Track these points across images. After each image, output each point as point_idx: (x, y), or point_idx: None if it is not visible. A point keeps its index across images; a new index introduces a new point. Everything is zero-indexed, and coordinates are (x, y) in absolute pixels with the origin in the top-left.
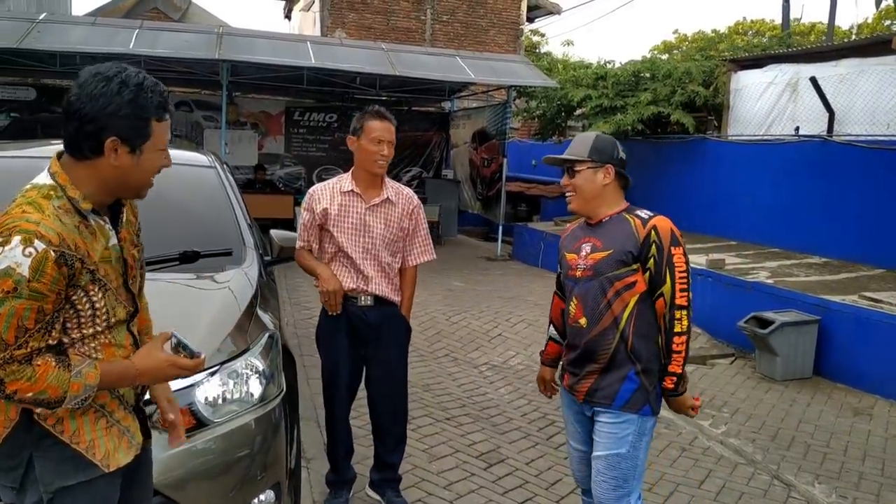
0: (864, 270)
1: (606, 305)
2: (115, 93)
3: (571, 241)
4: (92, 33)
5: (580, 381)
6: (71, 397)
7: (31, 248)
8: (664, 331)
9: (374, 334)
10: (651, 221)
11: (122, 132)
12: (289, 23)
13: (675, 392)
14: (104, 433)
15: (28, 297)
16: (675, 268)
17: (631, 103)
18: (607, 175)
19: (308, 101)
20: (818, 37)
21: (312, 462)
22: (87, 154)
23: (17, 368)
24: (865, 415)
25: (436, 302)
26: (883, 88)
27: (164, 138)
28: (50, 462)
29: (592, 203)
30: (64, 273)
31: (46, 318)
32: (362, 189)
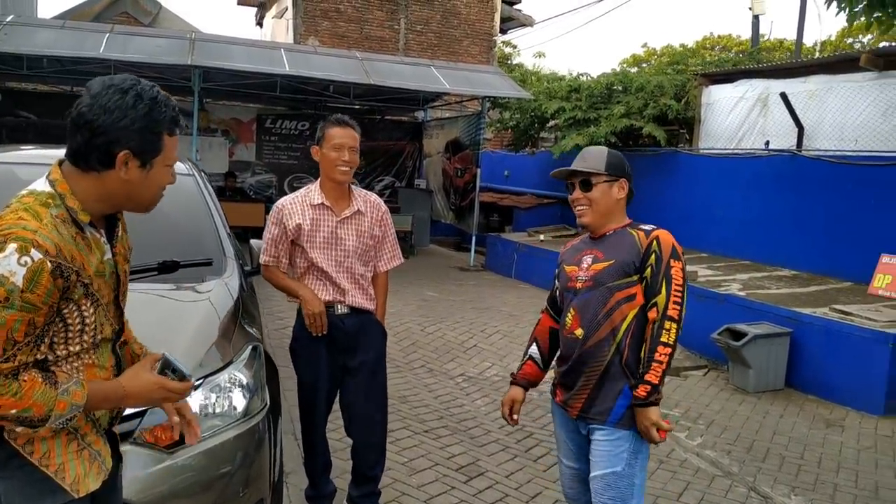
0: (832, 283)
1: (606, 315)
2: (131, 106)
3: (572, 255)
4: (60, 36)
5: (574, 396)
6: (56, 416)
7: (27, 257)
8: (650, 339)
9: (352, 342)
10: (654, 233)
11: (135, 146)
12: (261, 30)
13: (644, 401)
14: (75, 456)
15: (20, 309)
16: (672, 280)
17: (604, 116)
18: (622, 189)
19: (280, 108)
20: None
21: (290, 476)
22: (96, 166)
23: (3, 383)
24: (837, 426)
25: (410, 312)
26: (851, 105)
27: (174, 154)
28: (17, 484)
29: (605, 217)
30: (59, 285)
31: (36, 332)
32: (332, 201)
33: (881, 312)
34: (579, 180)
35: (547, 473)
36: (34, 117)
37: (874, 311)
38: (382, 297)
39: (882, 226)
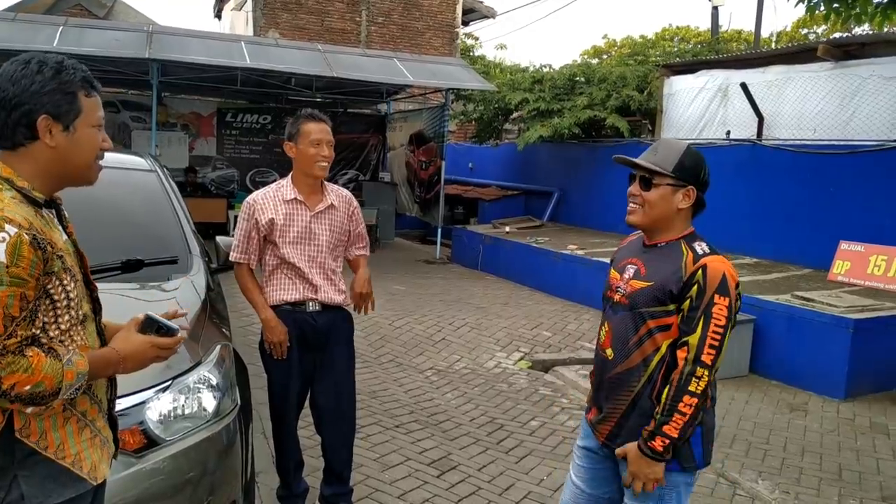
0: (793, 270)
1: (637, 343)
2: (36, 72)
3: (621, 257)
4: (12, 29)
5: (603, 421)
6: (66, 386)
7: (2, 232)
8: (675, 384)
9: (323, 339)
10: (703, 259)
11: (52, 109)
12: (219, 22)
13: (660, 457)
14: (89, 444)
15: (10, 284)
16: (712, 319)
17: (567, 107)
18: (687, 198)
19: (241, 102)
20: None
21: (261, 475)
22: (22, 141)
23: (13, 360)
24: (801, 411)
25: (378, 306)
26: (809, 94)
27: (97, 115)
28: (37, 480)
29: (658, 224)
30: (39, 256)
31: (30, 306)
32: (305, 196)
33: (841, 298)
34: (641, 175)
35: (518, 465)
36: None
37: (835, 297)
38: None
39: (840, 213)
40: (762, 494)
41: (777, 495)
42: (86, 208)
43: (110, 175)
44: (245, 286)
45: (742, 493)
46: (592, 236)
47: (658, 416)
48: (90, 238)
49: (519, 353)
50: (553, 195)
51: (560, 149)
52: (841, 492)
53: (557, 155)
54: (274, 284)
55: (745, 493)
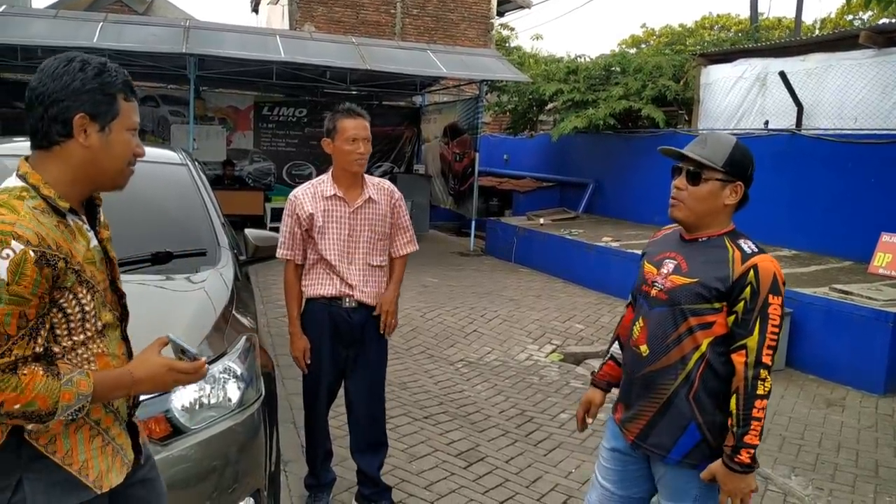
0: (833, 262)
1: (676, 341)
2: (79, 69)
3: (656, 250)
4: (54, 26)
5: (632, 419)
6: (63, 408)
7: (7, 249)
8: (743, 392)
9: (357, 335)
10: (753, 259)
11: (90, 108)
12: (256, 17)
13: (749, 468)
14: (98, 453)
15: (8, 302)
16: (769, 320)
17: (602, 98)
18: (735, 194)
19: (277, 95)
20: (784, 31)
21: (290, 465)
22: (56, 139)
23: (2, 378)
24: (838, 406)
25: (410, 298)
26: (850, 83)
27: (133, 119)
28: (41, 485)
29: (703, 220)
30: (46, 275)
31: (30, 324)
32: (344, 191)
33: (881, 291)
34: (688, 168)
35: (547, 458)
36: None
37: (874, 290)
38: (396, 282)
39: (882, 204)
40: (795, 490)
41: (810, 491)
42: (117, 201)
43: (142, 169)
44: (287, 288)
45: (774, 489)
46: (628, 228)
47: (736, 430)
48: (121, 231)
49: (551, 346)
50: (588, 186)
51: (595, 140)
52: (877, 489)
53: (592, 146)
54: (312, 278)
55: (778, 488)
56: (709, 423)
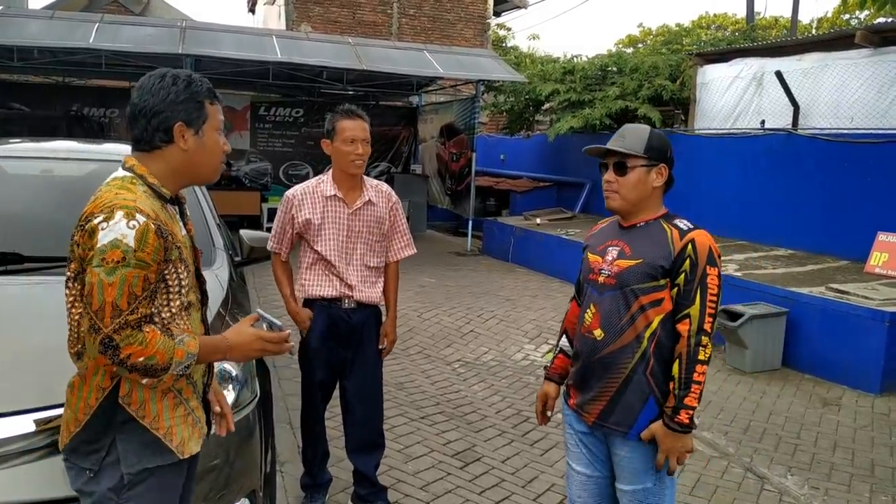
0: (829, 262)
1: (629, 321)
2: (171, 84)
3: (598, 241)
4: (50, 27)
5: (590, 402)
6: (176, 363)
7: (133, 220)
8: (685, 357)
9: (356, 336)
10: (690, 234)
11: (185, 116)
12: (253, 17)
13: (688, 428)
14: (181, 421)
15: (135, 266)
16: (708, 289)
17: (599, 98)
18: (660, 176)
19: (274, 95)
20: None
21: (286, 465)
22: (159, 145)
23: (131, 333)
24: (834, 405)
25: (407, 298)
26: (846, 82)
27: (220, 119)
28: (132, 444)
29: (637, 205)
30: (161, 245)
31: (151, 287)
32: (344, 192)
33: (878, 291)
34: (614, 161)
35: (543, 458)
36: (26, 109)
37: (871, 290)
38: (394, 286)
39: (878, 203)
40: (791, 490)
41: (806, 491)
42: None
43: None
44: (277, 277)
45: (770, 489)
46: None
47: (677, 392)
48: None
49: (547, 346)
50: (585, 186)
51: (591, 140)
52: (872, 488)
53: (591, 144)
54: (310, 279)
55: (774, 488)
56: (665, 395)
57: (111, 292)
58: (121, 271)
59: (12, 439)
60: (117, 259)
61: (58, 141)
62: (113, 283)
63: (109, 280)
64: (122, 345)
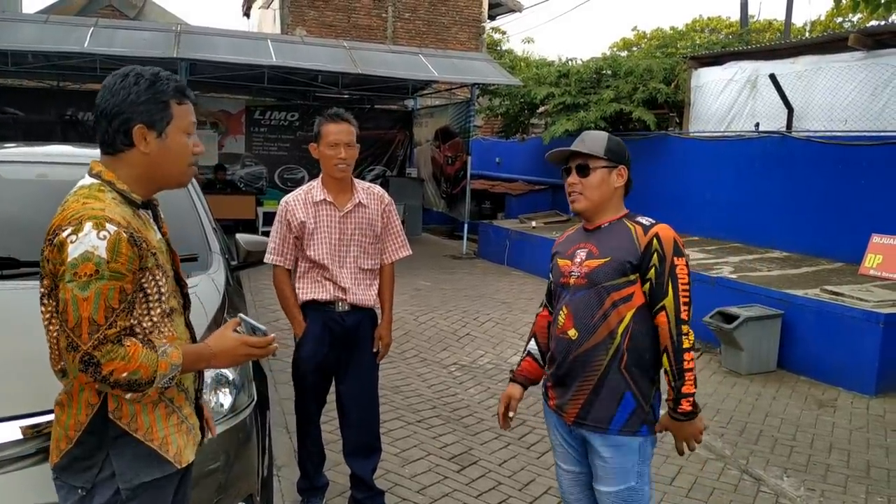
0: (824, 264)
1: (602, 317)
2: (133, 83)
3: (566, 247)
4: (44, 31)
5: (569, 402)
6: (160, 376)
7: (104, 231)
8: (672, 349)
9: (351, 338)
10: (653, 229)
11: (146, 118)
12: (248, 20)
13: (693, 414)
14: (175, 430)
15: (110, 278)
16: (678, 280)
17: (593, 101)
18: (620, 177)
19: (269, 99)
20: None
21: (283, 469)
22: (122, 147)
23: (112, 348)
24: (829, 407)
25: (403, 302)
26: (840, 85)
27: (188, 120)
28: (126, 459)
29: (601, 206)
30: (136, 253)
31: (128, 298)
32: (334, 196)
33: (872, 292)
34: (576, 165)
35: (540, 461)
36: (20, 113)
37: (865, 292)
38: (389, 289)
39: (872, 205)
40: (787, 492)
41: (802, 492)
42: None
43: None
44: (281, 292)
45: (766, 490)
46: None
47: (673, 384)
48: None
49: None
50: None
51: None
52: (868, 489)
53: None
54: (305, 283)
55: (770, 490)
56: (641, 389)
57: (87, 307)
58: (95, 285)
59: (5, 445)
60: (90, 272)
61: (53, 145)
62: (88, 298)
63: (84, 295)
64: (104, 361)
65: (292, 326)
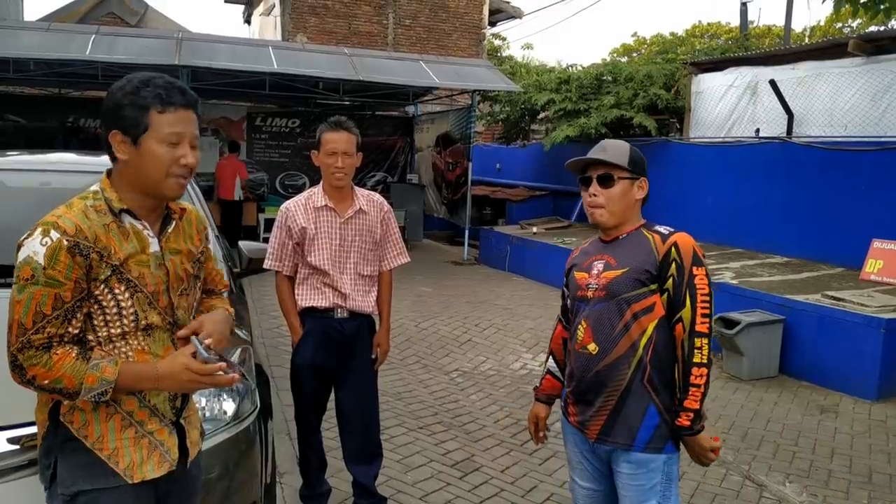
0: (825, 269)
1: (623, 330)
2: (118, 89)
3: (582, 259)
4: (46, 39)
5: (591, 418)
6: (86, 389)
7: (47, 238)
8: (681, 360)
9: (349, 345)
10: (672, 238)
11: (121, 124)
12: (248, 27)
13: (690, 430)
14: (131, 443)
15: (44, 284)
16: (697, 290)
17: (594, 107)
18: (641, 189)
19: (270, 106)
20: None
21: (285, 476)
22: (110, 153)
23: (34, 354)
24: (831, 412)
25: (404, 308)
26: (840, 90)
27: (169, 130)
28: (69, 464)
29: (622, 217)
30: (79, 263)
31: (65, 306)
32: (335, 202)
33: (873, 298)
34: (598, 174)
35: (542, 467)
36: (22, 120)
37: (866, 297)
38: (387, 296)
39: (873, 211)
40: (789, 497)
41: (805, 498)
42: None
43: None
44: (281, 299)
45: (769, 496)
46: None
47: (679, 395)
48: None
49: (545, 355)
50: (580, 195)
51: (587, 149)
52: (871, 495)
53: (585, 155)
54: (304, 290)
55: (773, 495)
56: (665, 403)
57: (18, 310)
58: (29, 289)
59: (6, 454)
60: (27, 276)
61: (55, 153)
62: (20, 301)
63: (18, 297)
64: (26, 365)
65: (291, 333)
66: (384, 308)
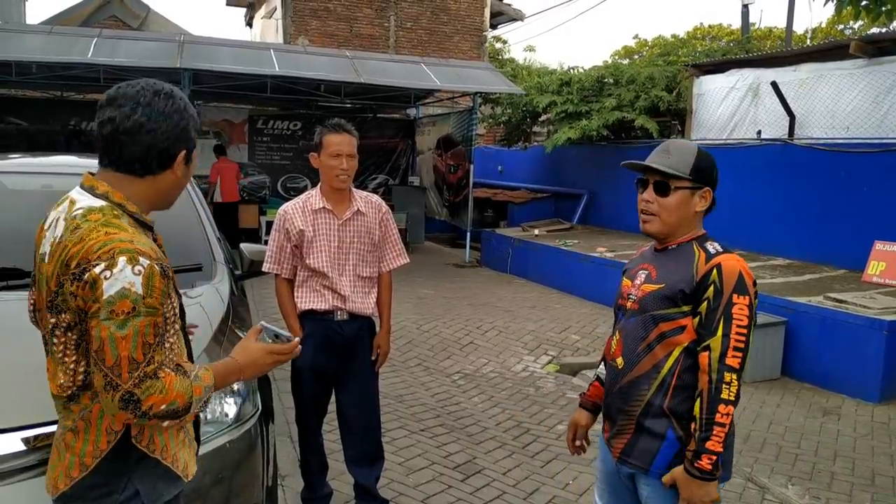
0: (826, 271)
1: (647, 349)
2: (183, 108)
3: (633, 265)
4: (48, 42)
5: (615, 435)
6: (196, 401)
7: (138, 265)
8: (706, 395)
9: (349, 346)
10: (716, 258)
11: (190, 145)
12: (250, 30)
13: (710, 475)
14: (183, 445)
15: (146, 314)
16: (734, 320)
17: (596, 109)
18: (704, 200)
19: (272, 108)
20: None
21: (287, 479)
22: (155, 170)
23: (151, 384)
24: (834, 414)
25: (406, 310)
26: (841, 92)
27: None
28: (150, 481)
29: (676, 229)
30: (167, 285)
31: (161, 331)
32: (332, 204)
33: (875, 300)
34: (655, 180)
35: (544, 469)
36: (24, 124)
37: (868, 299)
38: (387, 297)
39: (875, 212)
40: (792, 500)
41: (807, 501)
42: None
43: None
44: (281, 302)
45: (771, 499)
46: (622, 238)
47: (697, 434)
48: None
49: (547, 357)
50: (582, 197)
51: (589, 151)
52: (873, 497)
53: (586, 157)
54: (303, 293)
55: (775, 498)
56: (685, 430)
57: (125, 346)
58: (132, 322)
59: (6, 457)
60: (127, 310)
61: (57, 156)
62: (126, 336)
63: (122, 333)
64: (143, 397)
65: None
66: (384, 309)
